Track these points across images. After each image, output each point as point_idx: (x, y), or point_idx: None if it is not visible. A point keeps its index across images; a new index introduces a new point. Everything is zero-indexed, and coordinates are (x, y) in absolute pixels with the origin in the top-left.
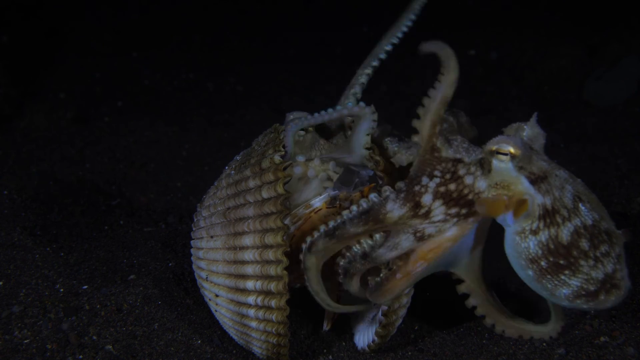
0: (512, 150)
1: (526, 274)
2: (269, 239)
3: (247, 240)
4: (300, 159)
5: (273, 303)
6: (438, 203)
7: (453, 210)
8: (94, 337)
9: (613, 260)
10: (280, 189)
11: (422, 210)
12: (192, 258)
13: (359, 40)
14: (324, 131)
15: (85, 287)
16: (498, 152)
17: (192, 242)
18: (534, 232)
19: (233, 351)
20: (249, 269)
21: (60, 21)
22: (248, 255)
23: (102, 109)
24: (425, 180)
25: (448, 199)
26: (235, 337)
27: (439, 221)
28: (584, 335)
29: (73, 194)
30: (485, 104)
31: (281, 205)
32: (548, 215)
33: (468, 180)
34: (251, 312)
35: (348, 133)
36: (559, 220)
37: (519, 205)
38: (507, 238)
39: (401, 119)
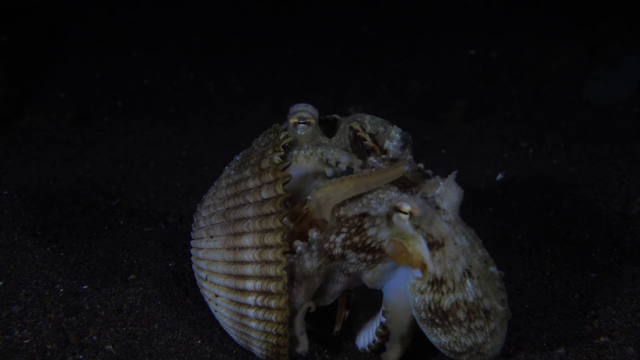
0: (410, 210)
1: (413, 310)
2: (269, 239)
3: (247, 240)
4: (295, 152)
5: (272, 303)
6: (348, 251)
7: (362, 256)
8: (94, 337)
9: (485, 334)
10: (279, 189)
11: (338, 257)
12: (192, 258)
13: (359, 40)
14: (326, 130)
15: (85, 287)
16: (399, 210)
17: (191, 242)
18: (421, 292)
19: (233, 351)
20: (249, 269)
21: (60, 21)
22: (247, 255)
23: (102, 109)
24: (332, 237)
25: (355, 248)
26: (235, 337)
27: (355, 263)
28: (584, 335)
29: (73, 194)
30: (485, 104)
31: (280, 205)
32: (436, 283)
33: (371, 232)
34: (251, 312)
35: (349, 134)
36: (444, 290)
37: (423, 268)
38: (408, 280)
39: (401, 118)
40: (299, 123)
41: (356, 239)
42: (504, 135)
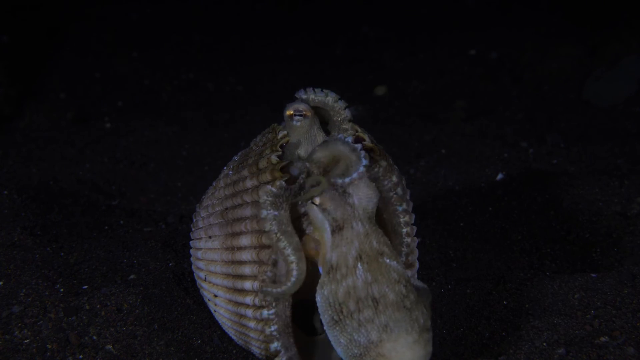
0: (318, 201)
1: (324, 325)
2: (266, 239)
3: (245, 240)
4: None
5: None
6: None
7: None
8: (94, 337)
9: (378, 329)
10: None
11: None
12: (191, 258)
13: (359, 40)
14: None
15: (85, 287)
16: (311, 201)
17: (191, 242)
18: (321, 286)
19: (233, 351)
20: (247, 269)
21: (60, 21)
22: (245, 255)
23: (102, 109)
24: None
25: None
26: (234, 338)
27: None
28: (584, 335)
29: (73, 194)
30: (485, 104)
31: None
32: (332, 271)
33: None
34: (249, 312)
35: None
36: (339, 277)
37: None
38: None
39: (401, 118)
40: (295, 115)
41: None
42: (504, 135)
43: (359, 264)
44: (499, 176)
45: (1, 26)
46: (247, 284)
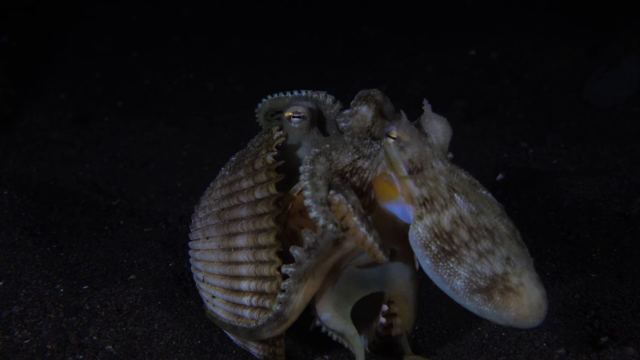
0: (397, 134)
1: (426, 264)
2: (262, 239)
3: (241, 240)
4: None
5: (267, 303)
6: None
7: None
8: (94, 337)
9: (501, 261)
10: (272, 190)
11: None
12: (190, 259)
13: (359, 40)
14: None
15: (85, 287)
16: (388, 135)
17: (189, 243)
18: (419, 217)
19: (233, 351)
20: (243, 270)
21: (60, 21)
22: (242, 256)
23: (102, 109)
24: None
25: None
26: (233, 338)
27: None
28: (584, 335)
29: (73, 194)
30: (485, 104)
31: (273, 205)
32: (428, 203)
33: (366, 164)
34: (246, 312)
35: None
36: (438, 207)
37: (410, 198)
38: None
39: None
40: (293, 117)
41: (354, 178)
42: (504, 135)
43: (455, 195)
44: (499, 176)
45: (1, 26)
46: (244, 285)
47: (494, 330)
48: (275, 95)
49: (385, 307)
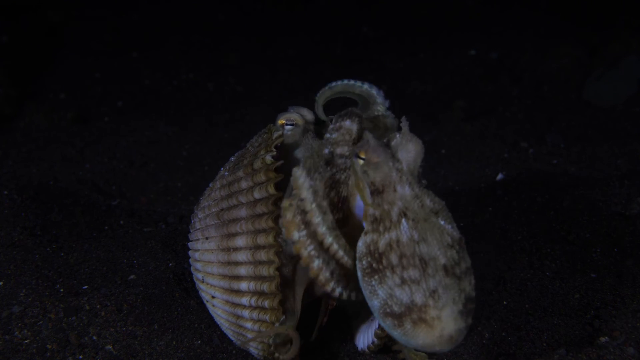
0: (365, 155)
1: (359, 276)
2: (261, 239)
3: (240, 241)
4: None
5: (266, 303)
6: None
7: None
8: (94, 337)
9: (424, 293)
10: (271, 190)
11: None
12: (190, 260)
13: (359, 40)
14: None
15: (85, 287)
16: (358, 156)
17: (189, 243)
18: (365, 233)
19: (233, 351)
20: (243, 270)
21: (60, 21)
22: (241, 256)
23: (102, 109)
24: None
25: (333, 210)
26: (233, 338)
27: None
28: (584, 335)
29: (73, 194)
30: (485, 104)
31: (272, 205)
32: (375, 222)
33: (342, 177)
34: (246, 313)
35: None
36: (381, 228)
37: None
38: None
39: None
40: (286, 124)
41: (332, 193)
42: (504, 135)
43: (403, 220)
44: (499, 176)
45: (1, 26)
46: (243, 285)
47: (494, 330)
48: (348, 82)
49: None
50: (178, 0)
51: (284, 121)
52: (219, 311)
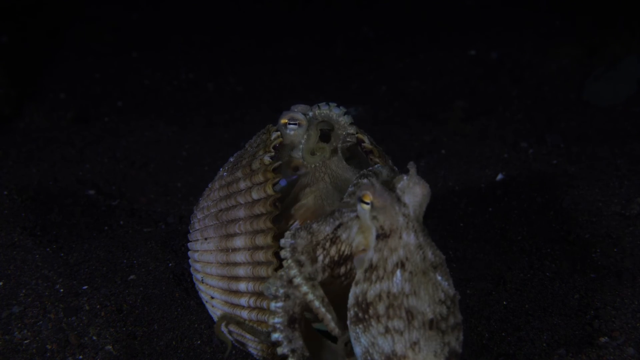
0: (371, 199)
1: (348, 321)
2: (259, 240)
3: (239, 241)
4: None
5: (265, 304)
6: (327, 271)
7: (341, 270)
8: (94, 338)
9: (405, 344)
10: (269, 190)
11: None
12: (189, 260)
13: (359, 40)
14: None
15: (85, 287)
16: (361, 200)
17: (188, 244)
18: (356, 283)
19: (232, 352)
20: (241, 271)
21: (60, 21)
22: (240, 257)
23: (102, 109)
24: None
25: (333, 265)
26: (232, 339)
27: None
28: (584, 335)
29: (73, 194)
30: (485, 104)
31: (271, 206)
32: (369, 270)
33: (344, 236)
34: (244, 313)
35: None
36: (374, 278)
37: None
38: None
39: (401, 119)
40: (289, 124)
41: (332, 250)
42: (504, 136)
43: (398, 271)
44: (499, 176)
45: (1, 26)
46: (242, 286)
47: (493, 330)
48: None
49: None
50: (178, 0)
51: (286, 120)
52: (218, 312)
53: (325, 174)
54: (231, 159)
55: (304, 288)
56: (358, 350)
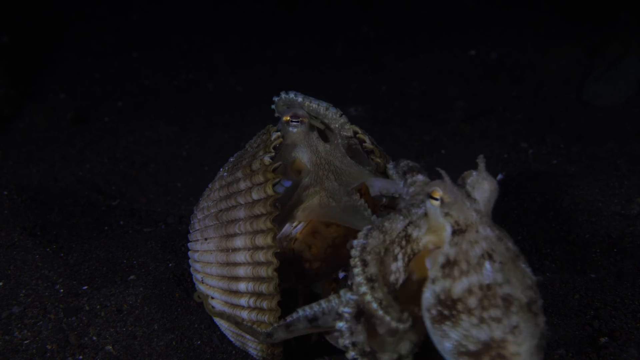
0: (441, 195)
1: (427, 324)
2: (259, 240)
3: (239, 242)
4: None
5: (265, 304)
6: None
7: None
8: (94, 338)
9: (504, 329)
10: (269, 191)
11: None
12: (189, 261)
13: (359, 40)
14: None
15: (85, 287)
16: (430, 196)
17: (188, 244)
18: (433, 281)
19: (232, 352)
20: (241, 271)
21: (60, 21)
22: (240, 257)
23: (102, 109)
24: (394, 266)
25: (409, 259)
26: (232, 339)
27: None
28: (584, 336)
29: (73, 194)
30: (485, 104)
31: (271, 206)
32: (448, 266)
33: (415, 234)
34: (244, 313)
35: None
36: (456, 273)
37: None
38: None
39: (401, 119)
40: (292, 121)
41: (409, 249)
42: (504, 136)
43: (486, 263)
44: (499, 176)
45: (1, 26)
46: (242, 286)
47: None
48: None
49: None
50: (178, 0)
51: (289, 118)
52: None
53: (330, 172)
54: (231, 159)
55: (363, 288)
56: (447, 345)
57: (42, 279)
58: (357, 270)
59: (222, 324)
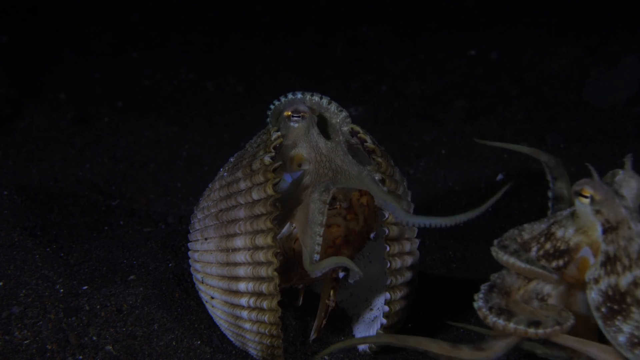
0: (592, 193)
1: (599, 323)
2: (260, 240)
3: (239, 242)
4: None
5: (265, 304)
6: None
7: (554, 264)
8: (94, 338)
9: None
10: (269, 190)
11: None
12: (189, 261)
13: (359, 40)
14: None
15: (85, 287)
16: (580, 194)
17: (188, 244)
18: (596, 281)
19: (232, 352)
20: (241, 271)
21: (60, 21)
22: (240, 257)
23: (102, 109)
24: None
25: (547, 256)
26: (232, 339)
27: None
28: None
29: (73, 194)
30: (485, 104)
31: (271, 206)
32: (609, 263)
33: (559, 233)
34: (244, 313)
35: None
36: (619, 268)
37: (596, 251)
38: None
39: (401, 119)
40: (293, 116)
41: (548, 245)
42: (504, 136)
43: None
44: (499, 177)
45: (1, 26)
46: (242, 286)
47: None
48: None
49: (386, 308)
50: (178, 0)
51: (290, 113)
52: (218, 312)
53: (330, 170)
54: (231, 159)
55: (510, 259)
56: (622, 339)
57: (42, 279)
58: (499, 255)
59: (222, 324)
